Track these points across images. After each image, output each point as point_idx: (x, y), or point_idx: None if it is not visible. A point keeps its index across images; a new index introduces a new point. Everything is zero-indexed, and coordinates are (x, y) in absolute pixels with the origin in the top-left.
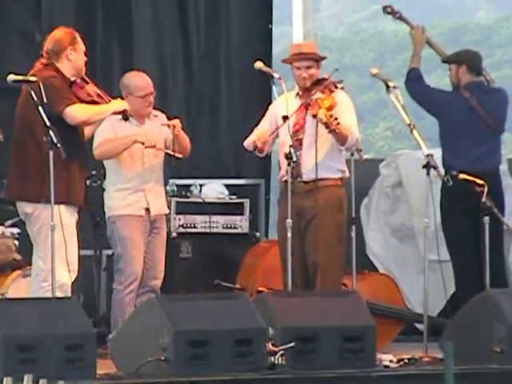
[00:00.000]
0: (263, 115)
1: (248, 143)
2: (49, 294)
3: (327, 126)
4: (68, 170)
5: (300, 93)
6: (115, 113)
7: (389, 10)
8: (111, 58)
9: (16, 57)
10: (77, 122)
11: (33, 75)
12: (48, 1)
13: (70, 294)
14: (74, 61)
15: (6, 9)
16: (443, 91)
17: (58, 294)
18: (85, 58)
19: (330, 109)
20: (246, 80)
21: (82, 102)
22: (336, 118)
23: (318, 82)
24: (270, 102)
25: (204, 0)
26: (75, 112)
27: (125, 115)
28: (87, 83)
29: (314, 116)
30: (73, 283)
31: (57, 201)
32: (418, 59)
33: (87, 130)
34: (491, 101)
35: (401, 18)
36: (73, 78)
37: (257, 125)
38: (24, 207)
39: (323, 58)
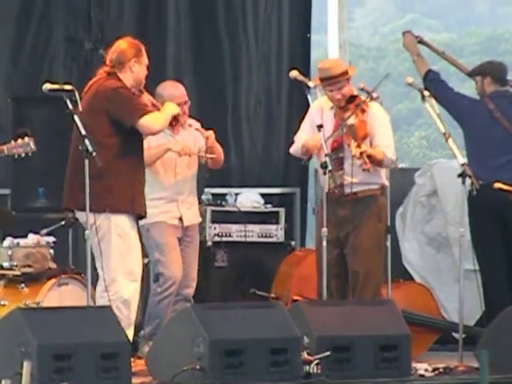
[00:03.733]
0: (299, 125)
1: (295, 150)
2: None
3: (360, 163)
4: (133, 181)
5: (334, 107)
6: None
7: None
8: (165, 67)
9: (65, 64)
10: (152, 132)
11: (96, 82)
12: (98, 8)
13: (133, 309)
14: (136, 73)
15: (55, 16)
16: (467, 97)
17: (121, 307)
18: (146, 72)
19: (363, 138)
20: (284, 89)
21: None
22: (369, 156)
23: (351, 98)
24: (307, 111)
25: (251, 10)
26: (150, 122)
27: (176, 118)
28: (143, 93)
29: (349, 145)
30: None
31: (120, 210)
32: (422, 61)
33: None
34: None
35: (422, 42)
36: (132, 90)
37: (295, 133)
38: (85, 217)
39: (352, 72)
